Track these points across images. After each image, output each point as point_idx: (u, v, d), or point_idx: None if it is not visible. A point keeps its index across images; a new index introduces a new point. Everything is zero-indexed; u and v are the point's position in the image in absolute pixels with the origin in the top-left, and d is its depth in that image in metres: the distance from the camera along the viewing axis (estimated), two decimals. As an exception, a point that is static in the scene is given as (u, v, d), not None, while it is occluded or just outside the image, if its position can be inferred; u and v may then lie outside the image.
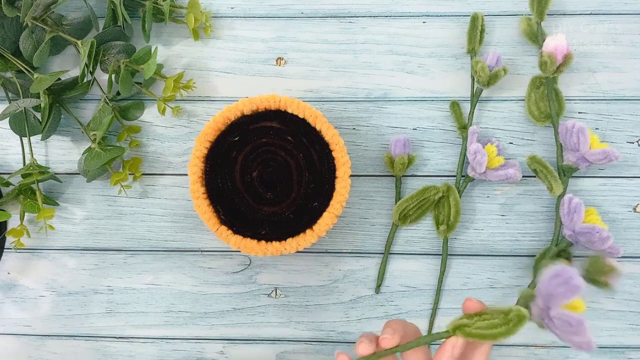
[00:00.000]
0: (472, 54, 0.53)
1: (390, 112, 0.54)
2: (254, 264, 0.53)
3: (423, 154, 0.54)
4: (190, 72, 0.55)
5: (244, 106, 0.47)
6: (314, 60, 0.55)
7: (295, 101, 0.47)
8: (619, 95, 0.53)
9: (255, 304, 0.53)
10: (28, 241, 0.54)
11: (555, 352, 0.52)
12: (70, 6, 0.55)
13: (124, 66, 0.50)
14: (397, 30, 0.55)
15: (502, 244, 0.53)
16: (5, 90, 0.53)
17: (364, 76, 0.54)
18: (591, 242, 0.46)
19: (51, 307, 0.54)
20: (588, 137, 0.47)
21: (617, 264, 0.40)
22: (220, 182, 0.47)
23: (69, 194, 0.54)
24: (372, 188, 0.54)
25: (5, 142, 0.55)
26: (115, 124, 0.54)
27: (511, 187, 0.53)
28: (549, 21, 0.54)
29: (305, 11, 0.55)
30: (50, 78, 0.48)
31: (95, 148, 0.50)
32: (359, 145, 0.54)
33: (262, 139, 0.48)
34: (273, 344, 0.53)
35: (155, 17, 0.54)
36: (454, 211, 0.51)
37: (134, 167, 0.53)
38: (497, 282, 0.53)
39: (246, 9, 0.56)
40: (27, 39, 0.50)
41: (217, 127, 0.47)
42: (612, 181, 0.53)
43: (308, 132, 0.47)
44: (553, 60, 0.49)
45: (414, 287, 0.53)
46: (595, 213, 0.48)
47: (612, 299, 0.52)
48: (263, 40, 0.55)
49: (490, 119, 0.54)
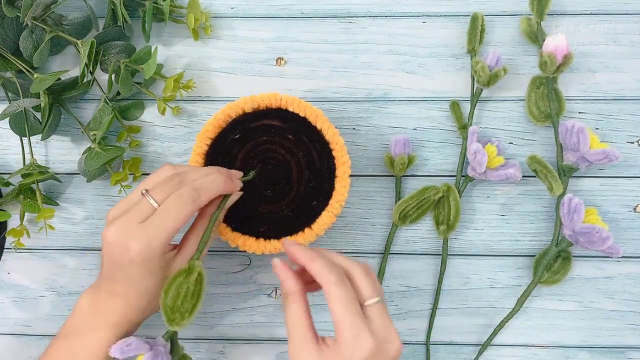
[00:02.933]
0: (472, 53, 0.53)
1: (390, 112, 0.54)
2: (254, 264, 0.53)
3: (423, 154, 0.54)
4: (190, 72, 0.55)
5: (245, 104, 0.47)
6: (314, 60, 0.55)
7: (296, 100, 0.47)
8: (619, 95, 0.53)
9: (255, 304, 0.53)
10: (28, 241, 0.54)
11: (556, 352, 0.52)
12: (70, 6, 0.55)
13: (124, 66, 0.50)
14: (397, 30, 0.55)
15: (502, 244, 0.53)
16: (5, 90, 0.53)
17: (364, 76, 0.54)
18: (591, 242, 0.46)
19: (51, 307, 0.54)
20: (588, 137, 0.47)
21: None
22: None
23: (69, 194, 0.54)
24: (372, 188, 0.54)
25: (5, 142, 0.55)
26: (115, 123, 0.54)
27: (511, 187, 0.53)
28: (549, 21, 0.54)
29: (305, 11, 0.55)
30: (50, 78, 0.48)
31: (95, 148, 0.50)
32: (359, 145, 0.54)
33: (262, 137, 0.48)
34: (273, 344, 0.53)
35: (155, 17, 0.54)
36: (454, 211, 0.51)
37: (134, 167, 0.53)
38: (497, 282, 0.53)
39: (246, 9, 0.56)
40: (27, 39, 0.50)
41: (218, 125, 0.47)
42: (612, 181, 0.53)
43: (309, 131, 0.47)
44: (553, 60, 0.49)
45: (414, 287, 0.53)
46: (595, 213, 0.48)
47: (611, 299, 0.52)
48: (263, 40, 0.55)
49: (490, 119, 0.54)
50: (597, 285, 0.52)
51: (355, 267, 0.39)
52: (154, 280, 0.41)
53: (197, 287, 0.39)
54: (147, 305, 0.42)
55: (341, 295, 0.37)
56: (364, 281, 0.39)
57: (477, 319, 0.52)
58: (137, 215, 0.39)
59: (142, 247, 0.39)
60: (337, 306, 0.37)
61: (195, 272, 0.40)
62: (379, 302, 0.38)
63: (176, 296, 0.39)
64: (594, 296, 0.52)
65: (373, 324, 0.37)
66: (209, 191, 0.41)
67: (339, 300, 0.37)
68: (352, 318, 0.37)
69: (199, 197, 0.40)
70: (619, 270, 0.52)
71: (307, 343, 0.38)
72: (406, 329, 0.52)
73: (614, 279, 0.52)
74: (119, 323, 0.42)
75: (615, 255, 0.47)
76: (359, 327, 0.37)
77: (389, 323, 0.38)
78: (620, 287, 0.52)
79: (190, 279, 0.39)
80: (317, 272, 0.38)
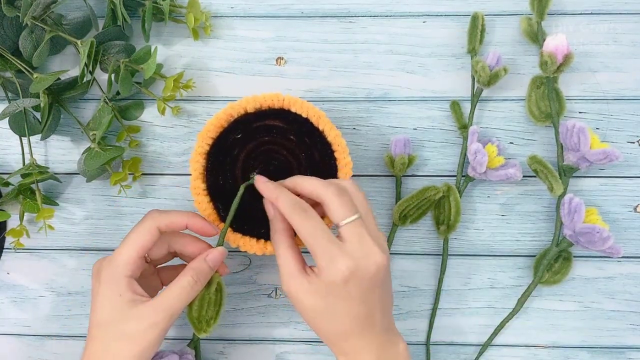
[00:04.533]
0: (473, 53, 0.53)
1: (390, 112, 0.54)
2: (254, 264, 0.53)
3: (423, 154, 0.54)
4: (190, 71, 0.55)
5: (247, 104, 0.47)
6: (314, 60, 0.55)
7: (298, 100, 0.47)
8: (619, 95, 0.53)
9: (255, 304, 0.53)
10: (28, 241, 0.53)
11: (556, 352, 0.52)
12: (70, 6, 0.55)
13: (124, 66, 0.50)
14: (397, 30, 0.55)
15: (503, 244, 0.53)
16: (4, 90, 0.53)
17: (364, 76, 0.54)
18: (592, 242, 0.46)
19: (51, 307, 0.54)
20: (588, 137, 0.47)
21: None
22: (221, 179, 0.47)
23: (68, 194, 0.54)
24: (372, 188, 0.54)
25: (5, 142, 0.55)
26: (115, 123, 0.53)
27: (511, 187, 0.53)
28: (549, 21, 0.54)
29: (305, 11, 0.55)
30: (49, 78, 0.48)
31: (95, 148, 0.50)
32: (359, 145, 0.54)
33: (264, 138, 0.48)
34: (273, 344, 0.53)
35: (155, 16, 0.54)
36: (454, 211, 0.51)
37: (134, 167, 0.53)
38: (498, 282, 0.52)
39: (246, 8, 0.56)
40: (26, 39, 0.50)
41: (219, 124, 0.47)
42: (612, 181, 0.53)
43: (311, 132, 0.47)
44: (553, 60, 0.49)
45: (414, 287, 0.53)
46: (595, 213, 0.48)
47: (612, 299, 0.52)
48: (263, 40, 0.55)
49: (490, 118, 0.54)
50: (597, 285, 0.52)
51: (326, 191, 0.40)
52: (112, 311, 0.40)
53: (218, 295, 0.44)
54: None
55: (306, 228, 0.39)
56: (335, 203, 0.40)
57: (478, 319, 0.52)
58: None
59: (107, 264, 0.42)
60: (307, 239, 0.39)
61: (214, 282, 0.44)
62: (355, 220, 0.39)
63: (200, 307, 0.43)
64: (594, 296, 0.52)
65: (347, 244, 0.39)
66: (168, 216, 0.43)
67: (306, 233, 0.39)
68: (322, 246, 0.39)
69: (160, 218, 0.42)
70: (619, 270, 0.52)
71: (294, 276, 0.40)
72: (406, 329, 0.52)
73: (615, 279, 0.52)
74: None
75: (616, 256, 0.47)
76: (330, 251, 0.39)
77: (365, 240, 0.39)
78: (621, 287, 0.52)
79: (211, 290, 0.43)
80: (282, 212, 0.41)
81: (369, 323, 0.40)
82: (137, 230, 0.42)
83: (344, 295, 0.39)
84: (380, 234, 0.41)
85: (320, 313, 0.40)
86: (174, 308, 0.40)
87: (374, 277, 0.39)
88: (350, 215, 0.39)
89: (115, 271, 0.41)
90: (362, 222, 0.40)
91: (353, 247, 0.39)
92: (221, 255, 0.43)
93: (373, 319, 0.40)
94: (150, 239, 0.41)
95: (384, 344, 0.41)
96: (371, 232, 0.40)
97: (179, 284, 0.41)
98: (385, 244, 0.41)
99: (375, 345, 0.41)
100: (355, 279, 0.39)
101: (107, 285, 0.41)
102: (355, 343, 0.41)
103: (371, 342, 0.41)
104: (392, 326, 0.43)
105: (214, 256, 0.43)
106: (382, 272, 0.40)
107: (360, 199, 0.41)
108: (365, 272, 0.39)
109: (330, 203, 0.40)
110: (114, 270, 0.41)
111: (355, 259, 0.38)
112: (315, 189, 0.41)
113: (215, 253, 0.43)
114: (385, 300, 0.41)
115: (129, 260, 0.41)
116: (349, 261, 0.38)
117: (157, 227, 0.42)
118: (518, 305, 0.51)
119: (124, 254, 0.41)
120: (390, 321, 0.43)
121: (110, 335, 0.40)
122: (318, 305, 0.40)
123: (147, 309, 0.40)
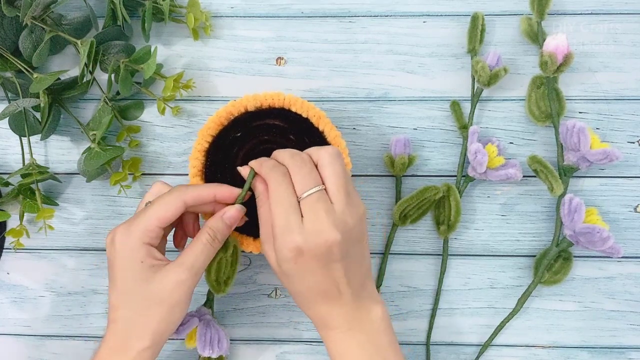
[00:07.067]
0: (473, 53, 0.53)
1: (390, 112, 0.54)
2: (254, 264, 0.53)
3: (423, 154, 0.54)
4: (190, 71, 0.55)
5: (247, 102, 0.47)
6: (314, 60, 0.55)
7: (299, 100, 0.47)
8: (619, 95, 0.53)
9: (255, 304, 0.53)
10: (27, 241, 0.53)
11: (556, 352, 0.52)
12: (70, 6, 0.55)
13: (124, 66, 0.50)
14: (397, 29, 0.55)
15: (503, 244, 0.53)
16: (4, 90, 0.53)
17: (364, 76, 0.54)
18: (592, 242, 0.46)
19: (51, 307, 0.54)
20: (589, 137, 0.47)
21: None
22: (220, 177, 0.47)
23: (68, 194, 0.54)
24: (372, 188, 0.54)
25: (5, 142, 0.55)
26: (115, 123, 0.53)
27: (512, 187, 0.53)
28: (549, 21, 0.54)
29: (305, 11, 0.55)
30: (49, 78, 0.48)
31: (95, 148, 0.50)
32: (359, 145, 0.54)
33: (264, 137, 0.48)
34: (273, 344, 0.53)
35: (155, 16, 0.54)
36: (455, 211, 0.51)
37: (134, 167, 0.53)
38: (498, 282, 0.52)
39: (246, 8, 0.56)
40: (26, 39, 0.50)
41: (220, 122, 0.47)
42: (612, 181, 0.53)
43: (310, 132, 0.47)
44: (554, 60, 0.49)
45: (414, 287, 0.53)
46: (595, 213, 0.48)
47: (612, 299, 0.52)
48: (263, 40, 0.55)
49: (490, 118, 0.54)
50: (597, 285, 0.52)
51: (290, 162, 0.41)
52: (134, 278, 0.40)
53: (234, 257, 0.46)
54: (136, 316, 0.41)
55: (275, 193, 0.40)
56: (296, 175, 0.40)
57: (478, 319, 0.52)
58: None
59: (122, 232, 0.41)
60: (271, 204, 0.40)
61: (231, 246, 0.45)
62: (313, 193, 0.39)
63: (218, 270, 0.45)
64: (594, 296, 0.52)
65: (304, 219, 0.39)
66: (196, 190, 0.43)
67: (272, 198, 0.40)
68: (280, 214, 0.39)
69: (187, 192, 0.42)
70: (619, 270, 0.52)
71: (267, 241, 0.42)
72: (406, 329, 0.52)
73: (615, 279, 0.52)
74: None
75: (616, 256, 0.47)
76: (286, 223, 0.39)
77: (319, 216, 0.39)
78: (621, 287, 0.52)
79: (228, 253, 0.45)
80: (263, 174, 0.42)
81: (332, 294, 0.40)
82: (162, 202, 0.41)
83: (297, 269, 0.40)
84: (348, 207, 0.39)
85: (287, 278, 0.41)
86: (197, 264, 0.41)
87: (327, 254, 0.39)
88: (308, 188, 0.39)
89: (133, 239, 0.41)
90: (321, 195, 0.39)
91: (307, 223, 0.39)
92: (238, 212, 0.43)
93: (337, 290, 0.40)
94: (174, 213, 0.41)
95: (354, 312, 0.41)
96: (332, 207, 0.39)
97: (199, 240, 0.42)
98: (352, 216, 0.39)
99: (343, 312, 0.41)
100: (303, 256, 0.39)
101: (126, 254, 0.41)
102: (321, 309, 0.41)
103: (339, 310, 0.41)
104: (366, 293, 0.42)
105: (231, 214, 0.43)
106: (337, 249, 0.38)
107: (335, 167, 0.40)
108: (315, 250, 0.38)
109: (293, 175, 0.40)
110: (132, 238, 0.41)
111: (305, 236, 0.38)
112: (284, 159, 0.41)
113: (232, 211, 0.43)
114: (352, 270, 0.41)
115: (148, 227, 0.41)
116: (297, 237, 0.38)
117: (183, 201, 0.42)
118: (518, 305, 0.51)
119: (144, 222, 0.41)
120: (362, 288, 0.42)
121: (137, 300, 0.40)
122: (280, 271, 0.41)
123: (172, 268, 0.40)
